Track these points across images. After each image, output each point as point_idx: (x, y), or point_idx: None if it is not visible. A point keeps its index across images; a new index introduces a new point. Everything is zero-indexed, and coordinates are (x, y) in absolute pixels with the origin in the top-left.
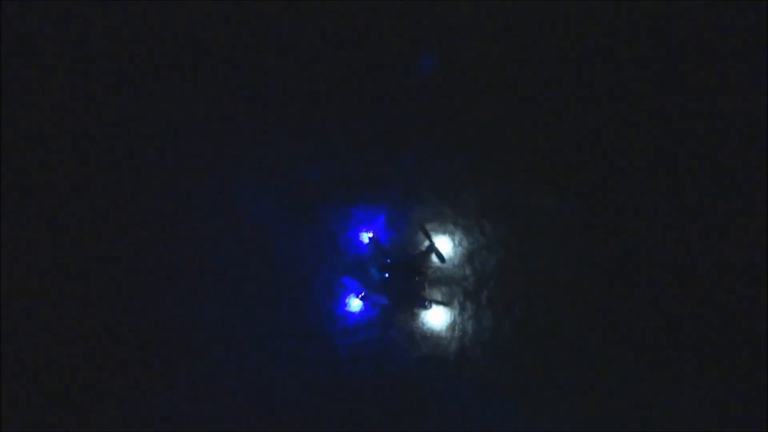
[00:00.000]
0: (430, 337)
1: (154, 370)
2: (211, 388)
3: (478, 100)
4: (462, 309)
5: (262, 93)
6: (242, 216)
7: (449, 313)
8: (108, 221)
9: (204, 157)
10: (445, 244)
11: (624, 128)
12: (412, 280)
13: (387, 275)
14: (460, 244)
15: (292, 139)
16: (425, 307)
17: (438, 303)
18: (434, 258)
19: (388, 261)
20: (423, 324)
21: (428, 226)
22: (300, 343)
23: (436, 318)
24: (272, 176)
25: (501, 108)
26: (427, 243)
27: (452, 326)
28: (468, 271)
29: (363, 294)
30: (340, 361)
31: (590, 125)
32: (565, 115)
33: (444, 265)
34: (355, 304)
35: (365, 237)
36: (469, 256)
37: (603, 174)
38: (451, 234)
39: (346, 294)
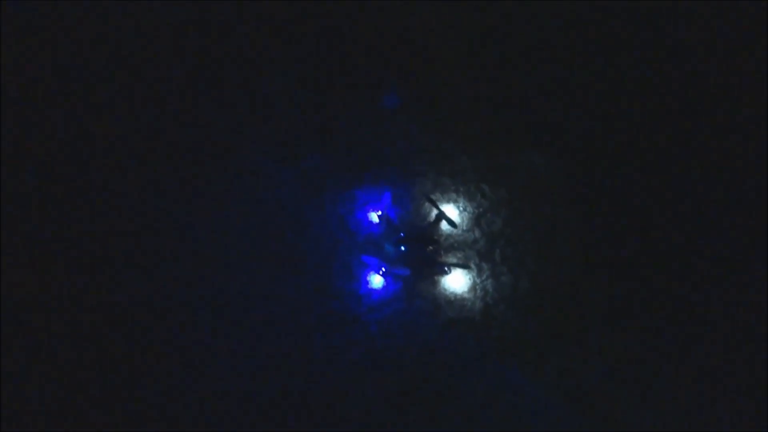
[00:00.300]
0: (455, 301)
1: (171, 370)
2: (243, 386)
3: (461, 72)
4: (479, 270)
5: (250, 87)
6: (248, 213)
7: (468, 276)
8: (109, 222)
9: (201, 157)
10: (451, 211)
11: (608, 81)
12: (427, 249)
13: (403, 248)
14: (465, 209)
15: (287, 134)
16: (445, 272)
17: (456, 266)
18: (444, 225)
19: (402, 235)
20: (445, 290)
21: (430, 197)
22: (330, 328)
23: (457, 282)
24: (272, 171)
25: (483, 77)
26: (435, 213)
27: (473, 287)
28: (477, 233)
29: (383, 270)
30: (372, 338)
31: (571, 83)
32: (546, 76)
33: (454, 231)
34: (376, 281)
35: (374, 216)
36: (476, 220)
37: (588, 126)
38: (455, 202)
39: (367, 272)
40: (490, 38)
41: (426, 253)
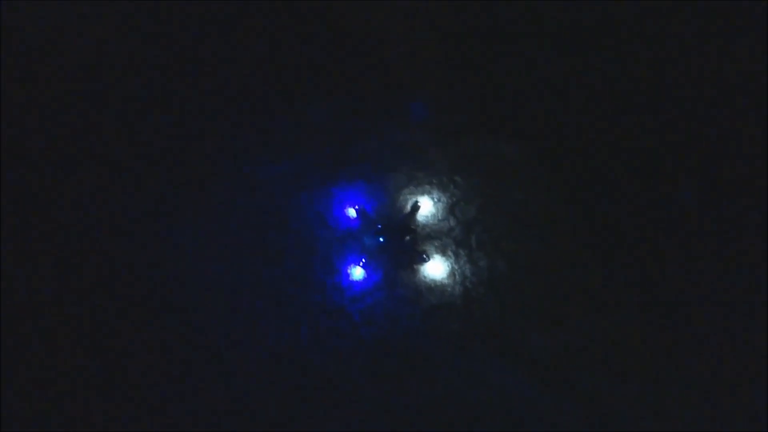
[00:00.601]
0: (435, 288)
1: (167, 371)
2: (232, 376)
3: (428, 69)
4: (456, 256)
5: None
6: (230, 215)
7: (446, 263)
8: (94, 219)
9: (181, 163)
10: (425, 203)
11: (571, 71)
12: (404, 238)
13: (382, 239)
14: (439, 200)
15: (261, 138)
16: (424, 260)
17: (434, 254)
18: (420, 216)
19: (379, 227)
20: (425, 277)
21: (405, 191)
22: (314, 320)
23: (436, 269)
24: (247, 174)
25: (450, 74)
26: (410, 204)
27: (452, 273)
28: (452, 222)
29: (363, 261)
30: (356, 327)
31: (535, 75)
32: (511, 70)
33: (430, 221)
34: (357, 272)
35: (351, 212)
36: (450, 209)
37: (552, 114)
38: (429, 193)
39: (347, 265)
40: (457, 35)
41: (404, 242)
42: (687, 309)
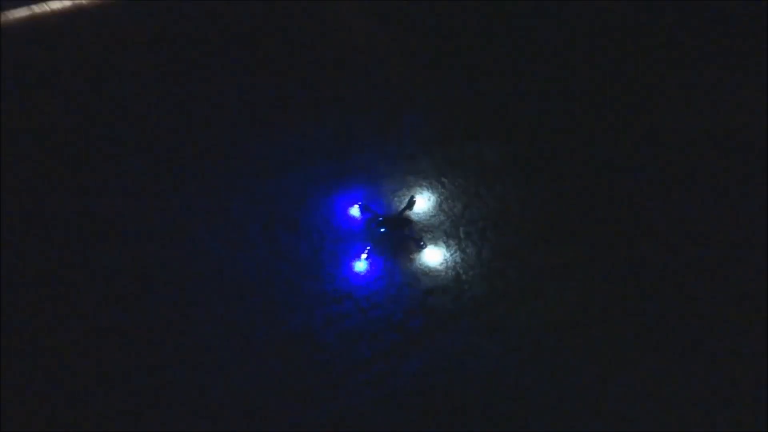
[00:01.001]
0: (430, 273)
1: (196, 353)
2: (255, 355)
3: (413, 84)
4: (447, 246)
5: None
6: (246, 223)
7: (438, 251)
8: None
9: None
10: (418, 201)
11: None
12: (404, 229)
13: (383, 230)
14: (429, 200)
15: (272, 154)
16: (422, 246)
17: (428, 244)
18: (414, 211)
19: (381, 219)
20: (421, 265)
21: (398, 193)
22: (327, 307)
23: (430, 258)
24: (255, 186)
25: (433, 87)
26: (406, 201)
27: (444, 261)
28: (442, 217)
29: (368, 249)
30: (363, 311)
31: (513, 86)
32: (491, 81)
33: (422, 218)
34: (362, 264)
35: (355, 210)
36: (439, 206)
37: (529, 119)
38: (420, 194)
39: (352, 259)
40: (439, 48)
41: (403, 231)
42: (665, 287)
